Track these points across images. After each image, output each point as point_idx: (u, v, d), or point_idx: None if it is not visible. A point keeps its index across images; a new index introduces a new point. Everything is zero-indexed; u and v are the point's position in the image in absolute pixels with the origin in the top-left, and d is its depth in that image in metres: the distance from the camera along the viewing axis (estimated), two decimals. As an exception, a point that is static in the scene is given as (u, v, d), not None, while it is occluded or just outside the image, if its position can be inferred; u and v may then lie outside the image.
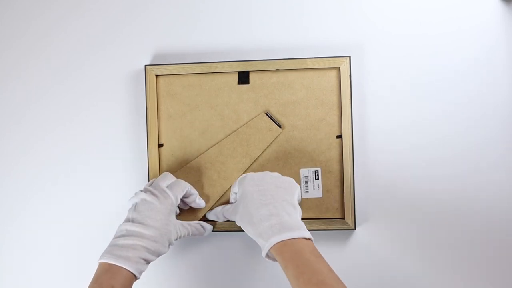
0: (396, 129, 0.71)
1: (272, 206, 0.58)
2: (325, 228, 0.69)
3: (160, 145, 0.72)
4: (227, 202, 0.71)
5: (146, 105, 0.72)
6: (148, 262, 0.61)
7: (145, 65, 0.72)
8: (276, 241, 0.55)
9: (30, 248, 0.76)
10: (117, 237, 0.61)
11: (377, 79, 0.72)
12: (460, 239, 0.71)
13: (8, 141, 0.76)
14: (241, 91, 0.72)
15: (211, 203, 0.71)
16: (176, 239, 0.64)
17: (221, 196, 0.71)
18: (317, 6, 0.73)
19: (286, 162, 0.71)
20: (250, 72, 0.71)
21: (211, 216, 0.70)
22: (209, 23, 0.74)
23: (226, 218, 0.68)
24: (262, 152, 0.71)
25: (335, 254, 0.71)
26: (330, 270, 0.53)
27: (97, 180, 0.75)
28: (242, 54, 0.73)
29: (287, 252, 0.54)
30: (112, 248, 0.60)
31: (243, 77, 0.71)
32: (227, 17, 0.74)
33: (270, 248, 0.55)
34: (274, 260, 0.57)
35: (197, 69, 0.71)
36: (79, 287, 0.75)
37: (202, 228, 0.69)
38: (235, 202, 0.66)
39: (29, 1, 0.77)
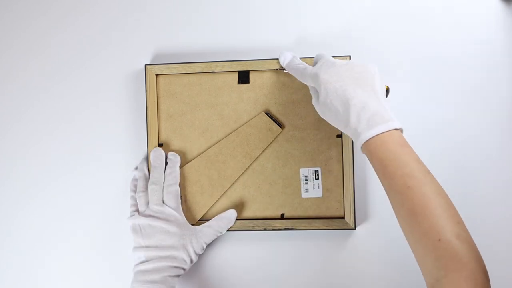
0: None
1: (357, 101, 0.53)
2: (325, 227, 0.69)
3: (160, 145, 0.72)
4: (227, 202, 0.71)
5: (146, 105, 0.71)
6: (177, 275, 0.64)
7: (145, 65, 0.72)
8: (366, 139, 0.52)
9: (30, 248, 0.76)
10: (137, 264, 0.65)
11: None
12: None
13: (8, 141, 0.76)
14: (241, 90, 0.71)
15: (211, 202, 0.71)
16: (206, 244, 0.66)
17: (221, 196, 0.71)
18: (317, 5, 0.73)
19: (286, 161, 0.71)
20: (250, 72, 0.71)
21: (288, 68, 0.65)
22: (209, 22, 0.74)
23: (302, 80, 0.63)
24: (262, 152, 0.71)
25: (335, 254, 0.71)
26: (417, 161, 0.50)
27: (97, 180, 0.75)
28: (242, 54, 0.73)
29: (372, 145, 0.52)
30: (136, 276, 0.64)
31: (243, 77, 0.71)
32: (227, 16, 0.74)
33: (362, 146, 0.53)
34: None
35: (197, 68, 0.71)
36: None
37: (227, 220, 0.68)
38: (315, 86, 0.60)
39: (29, 1, 0.77)
